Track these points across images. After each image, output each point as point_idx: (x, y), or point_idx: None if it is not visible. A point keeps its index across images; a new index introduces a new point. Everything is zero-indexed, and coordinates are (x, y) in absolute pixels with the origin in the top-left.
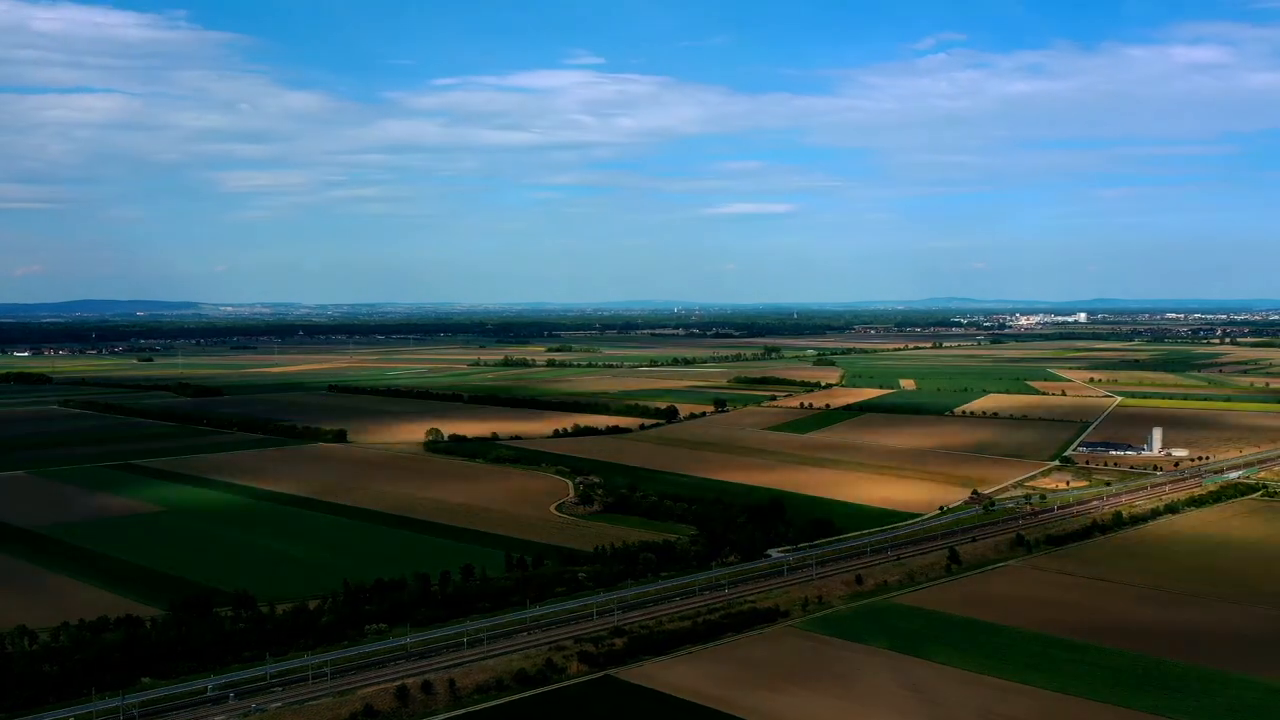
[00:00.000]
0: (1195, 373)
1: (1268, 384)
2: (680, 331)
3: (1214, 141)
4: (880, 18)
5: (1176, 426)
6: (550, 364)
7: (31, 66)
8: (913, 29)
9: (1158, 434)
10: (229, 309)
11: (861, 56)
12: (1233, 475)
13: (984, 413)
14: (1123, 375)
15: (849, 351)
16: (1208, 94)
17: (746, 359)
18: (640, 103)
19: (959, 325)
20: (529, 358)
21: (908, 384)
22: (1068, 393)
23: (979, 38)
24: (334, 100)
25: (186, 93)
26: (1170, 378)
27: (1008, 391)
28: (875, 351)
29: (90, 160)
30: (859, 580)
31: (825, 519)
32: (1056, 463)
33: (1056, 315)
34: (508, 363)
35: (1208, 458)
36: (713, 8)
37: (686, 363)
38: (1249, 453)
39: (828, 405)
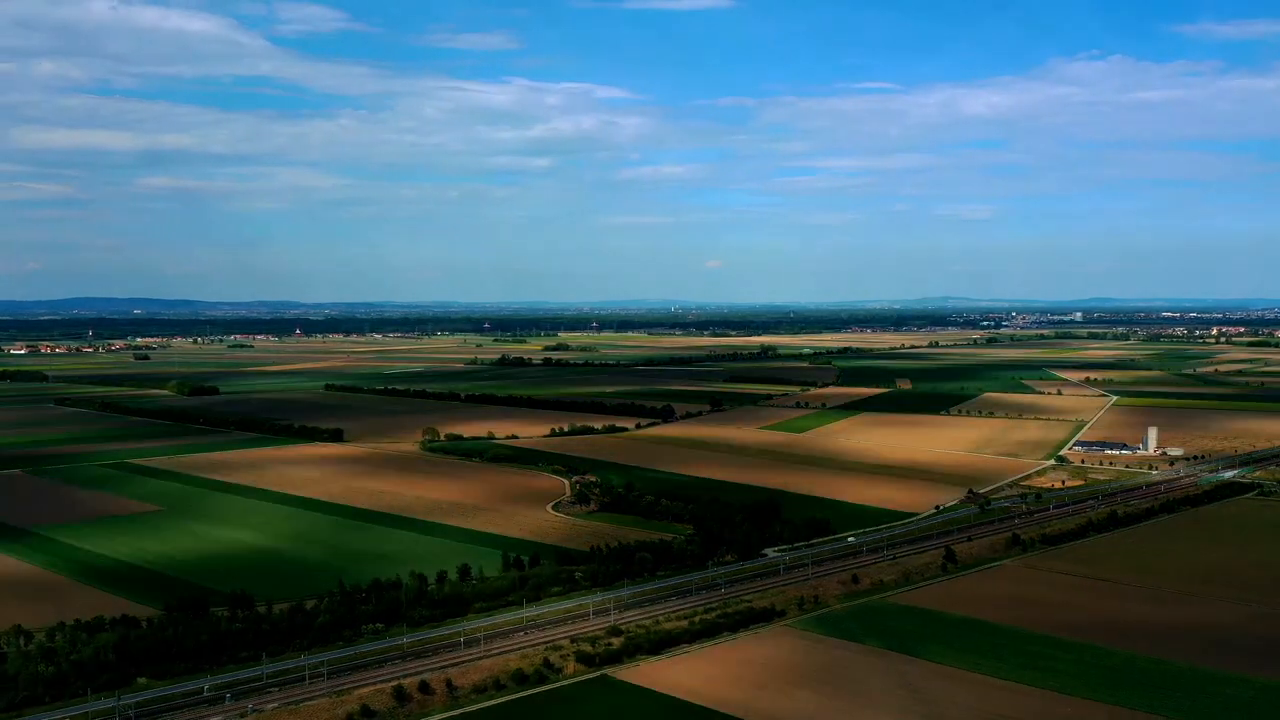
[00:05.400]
0: (1191, 372)
1: (1263, 383)
2: (676, 330)
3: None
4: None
5: (1172, 426)
6: (546, 362)
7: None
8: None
9: (1153, 433)
10: (226, 307)
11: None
12: (1228, 474)
13: (980, 411)
14: (1118, 374)
15: (845, 350)
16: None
17: (743, 358)
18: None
19: (955, 325)
20: (526, 355)
21: (903, 383)
22: (1063, 392)
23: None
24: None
25: None
26: (1166, 377)
27: (1003, 390)
28: (871, 350)
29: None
30: (855, 579)
31: (821, 518)
32: (1052, 462)
33: (1052, 315)
34: (504, 361)
35: (1203, 457)
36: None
37: (683, 361)
38: (1244, 452)
39: (824, 404)
